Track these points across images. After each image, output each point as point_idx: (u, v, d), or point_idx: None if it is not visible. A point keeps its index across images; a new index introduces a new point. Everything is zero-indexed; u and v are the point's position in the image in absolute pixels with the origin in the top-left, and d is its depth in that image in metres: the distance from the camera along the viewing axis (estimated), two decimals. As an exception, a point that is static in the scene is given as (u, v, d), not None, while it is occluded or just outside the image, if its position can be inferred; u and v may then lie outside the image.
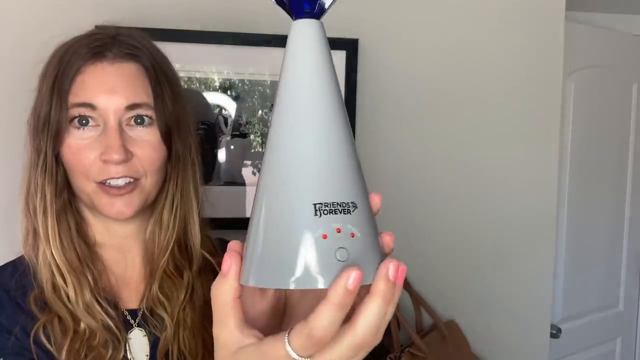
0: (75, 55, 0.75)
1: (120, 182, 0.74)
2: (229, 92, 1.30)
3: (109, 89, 0.73)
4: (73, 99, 0.73)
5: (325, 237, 0.39)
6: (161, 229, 0.80)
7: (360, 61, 1.35)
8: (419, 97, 1.43)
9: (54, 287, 0.74)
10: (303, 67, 0.41)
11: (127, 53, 0.76)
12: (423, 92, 1.43)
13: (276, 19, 1.32)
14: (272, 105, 1.32)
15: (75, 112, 0.73)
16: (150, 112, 0.75)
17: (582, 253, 2.02)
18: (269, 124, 0.44)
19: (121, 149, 0.72)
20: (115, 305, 0.78)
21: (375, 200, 0.46)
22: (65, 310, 0.73)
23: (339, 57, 1.33)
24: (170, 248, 0.79)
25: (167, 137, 0.76)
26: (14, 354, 0.72)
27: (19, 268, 0.77)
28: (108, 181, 0.74)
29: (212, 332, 0.66)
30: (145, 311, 0.78)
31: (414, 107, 1.43)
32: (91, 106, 0.73)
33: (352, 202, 0.41)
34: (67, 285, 0.74)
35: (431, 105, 1.43)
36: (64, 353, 0.71)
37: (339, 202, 0.40)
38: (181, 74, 1.22)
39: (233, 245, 0.44)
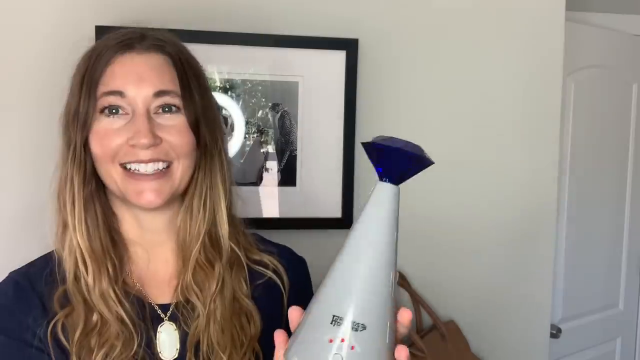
0: (105, 49, 0.78)
1: (149, 168, 0.75)
2: (229, 92, 1.30)
3: (138, 77, 0.75)
4: (103, 88, 0.75)
5: (331, 341, 0.53)
6: (192, 217, 0.80)
7: (360, 61, 1.35)
8: (419, 96, 1.43)
9: (76, 277, 0.76)
10: (374, 221, 0.58)
11: (154, 45, 0.78)
12: (423, 92, 1.43)
13: (276, 19, 1.32)
14: (273, 104, 1.32)
15: (105, 101, 0.75)
16: (177, 100, 0.77)
17: (582, 253, 2.02)
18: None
19: (149, 133, 0.73)
20: (142, 302, 0.78)
21: (404, 316, 0.58)
22: (82, 299, 0.74)
23: (339, 57, 1.33)
24: (202, 237, 0.80)
25: (195, 125, 0.78)
26: None
27: (49, 263, 0.78)
28: (135, 168, 0.75)
29: (239, 329, 0.76)
30: (178, 304, 0.79)
31: (414, 107, 1.43)
32: (120, 94, 0.75)
33: (362, 324, 0.53)
34: (87, 272, 0.75)
35: (431, 105, 1.44)
36: (75, 344, 0.72)
37: (351, 320, 0.54)
38: (181, 74, 1.22)
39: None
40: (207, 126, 0.80)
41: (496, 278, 1.51)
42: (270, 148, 1.33)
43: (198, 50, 1.31)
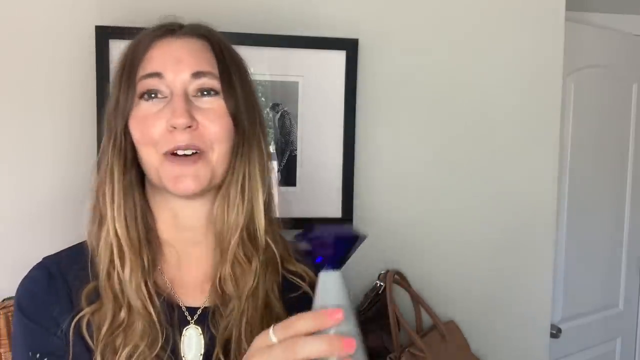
0: (145, 38, 0.79)
1: (188, 151, 0.75)
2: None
3: (176, 59, 0.76)
4: (142, 72, 0.76)
5: None
6: (229, 206, 0.79)
7: (360, 61, 1.35)
8: (419, 96, 1.43)
9: (109, 273, 0.75)
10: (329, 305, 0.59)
11: (193, 31, 0.80)
12: (423, 92, 1.43)
13: (276, 19, 1.32)
14: (273, 104, 1.32)
15: (144, 85, 0.75)
16: (216, 83, 0.76)
17: (582, 253, 2.02)
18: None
19: (186, 112, 0.73)
20: (171, 304, 0.77)
21: None
22: (112, 295, 0.74)
23: (339, 57, 1.33)
24: (240, 228, 0.78)
25: (234, 110, 0.77)
26: (55, 356, 0.73)
27: (81, 257, 0.78)
28: (174, 151, 0.75)
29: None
30: (207, 308, 0.78)
31: (414, 107, 1.43)
32: (159, 75, 0.75)
33: None
34: (123, 262, 0.74)
35: (431, 104, 1.44)
36: (101, 341, 0.72)
37: None
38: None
39: None
40: (247, 113, 0.78)
41: (496, 278, 1.51)
42: (270, 148, 1.33)
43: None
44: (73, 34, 1.23)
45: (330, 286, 0.59)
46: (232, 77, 0.77)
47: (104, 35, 1.21)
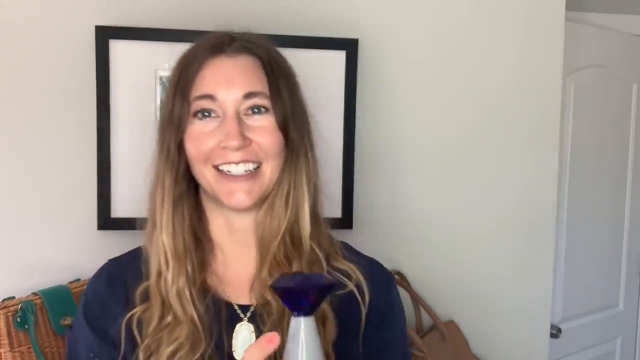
0: (197, 54, 0.81)
1: (240, 169, 0.78)
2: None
3: (227, 80, 0.78)
4: (195, 92, 0.78)
5: None
6: (272, 215, 0.82)
7: (360, 61, 1.35)
8: (419, 96, 1.43)
9: (158, 277, 0.78)
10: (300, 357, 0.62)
11: (243, 47, 0.81)
12: (423, 92, 1.43)
13: (276, 19, 1.32)
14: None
15: (198, 105, 0.78)
16: (266, 102, 0.79)
17: (582, 253, 2.02)
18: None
19: (239, 135, 0.76)
20: (219, 302, 0.80)
21: None
22: (160, 299, 0.77)
23: (339, 57, 1.33)
24: (280, 235, 0.81)
25: (283, 125, 0.80)
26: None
27: (137, 258, 0.82)
28: (227, 169, 0.78)
29: None
30: (258, 306, 0.80)
31: (414, 107, 1.43)
32: (211, 97, 0.78)
33: None
34: (167, 271, 0.78)
35: (431, 104, 1.44)
36: (146, 338, 0.75)
37: None
38: (181, 74, 1.22)
39: None
40: (295, 126, 0.81)
41: (496, 278, 1.51)
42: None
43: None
44: (73, 34, 1.23)
45: (300, 332, 0.62)
46: (282, 93, 0.80)
47: (104, 35, 1.21)
